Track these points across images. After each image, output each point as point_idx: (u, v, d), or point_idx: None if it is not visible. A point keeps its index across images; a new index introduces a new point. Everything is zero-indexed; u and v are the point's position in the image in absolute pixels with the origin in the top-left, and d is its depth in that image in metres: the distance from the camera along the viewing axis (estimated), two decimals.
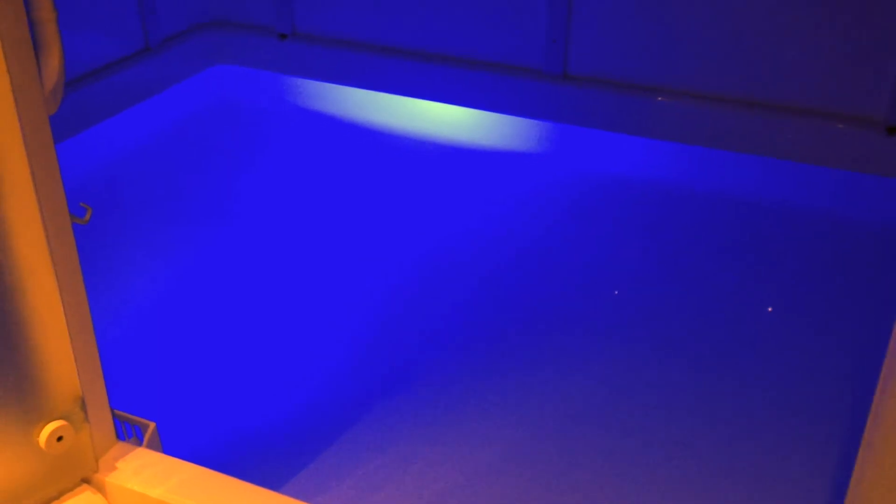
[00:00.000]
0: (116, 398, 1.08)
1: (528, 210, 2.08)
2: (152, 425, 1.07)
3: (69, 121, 1.92)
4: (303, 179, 2.18)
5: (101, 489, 1.02)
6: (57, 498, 1.01)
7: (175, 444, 1.26)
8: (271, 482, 1.33)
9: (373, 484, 1.39)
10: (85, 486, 1.02)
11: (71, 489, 1.02)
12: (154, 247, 1.90)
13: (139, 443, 1.07)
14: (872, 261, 1.90)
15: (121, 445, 1.05)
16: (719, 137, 2.03)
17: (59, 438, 0.98)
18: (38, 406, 0.96)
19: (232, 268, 1.90)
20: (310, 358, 1.65)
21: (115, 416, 1.05)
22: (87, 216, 0.99)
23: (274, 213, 2.06)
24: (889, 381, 0.77)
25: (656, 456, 1.45)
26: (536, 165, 2.19)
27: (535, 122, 2.20)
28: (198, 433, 1.46)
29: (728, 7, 1.94)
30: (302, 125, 2.34)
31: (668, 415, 1.54)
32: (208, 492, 1.00)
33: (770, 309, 1.79)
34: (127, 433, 1.09)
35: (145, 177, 2.10)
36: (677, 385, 1.61)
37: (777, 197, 2.04)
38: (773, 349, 1.69)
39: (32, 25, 0.93)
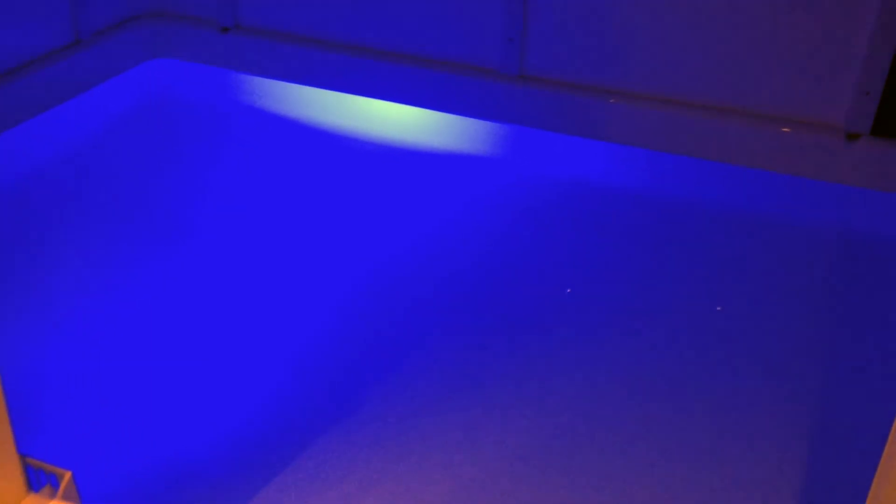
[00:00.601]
0: (31, 443, 0.99)
1: (484, 215, 2.02)
2: (68, 474, 0.97)
3: None
4: (247, 181, 2.07)
5: None
6: None
7: (122, 476, 1.17)
8: None
9: None
10: None
11: None
12: (85, 257, 1.78)
13: (53, 493, 0.97)
14: (830, 266, 1.88)
15: (32, 498, 0.95)
16: (677, 142, 1.99)
17: None
18: None
19: (171, 277, 1.79)
20: (249, 379, 1.55)
21: (26, 465, 0.95)
22: None
23: (215, 218, 1.96)
24: None
25: (631, 457, 1.43)
26: (492, 168, 2.13)
27: (491, 123, 2.13)
28: (134, 469, 1.37)
29: (687, 11, 1.89)
30: (246, 124, 2.24)
31: (635, 414, 1.51)
32: None
33: (719, 308, 1.76)
34: (40, 482, 0.99)
35: (75, 180, 1.99)
36: (641, 385, 1.57)
37: (735, 202, 2.00)
38: (730, 350, 1.67)
39: None
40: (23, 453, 0.96)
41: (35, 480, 0.99)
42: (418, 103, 2.15)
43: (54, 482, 0.99)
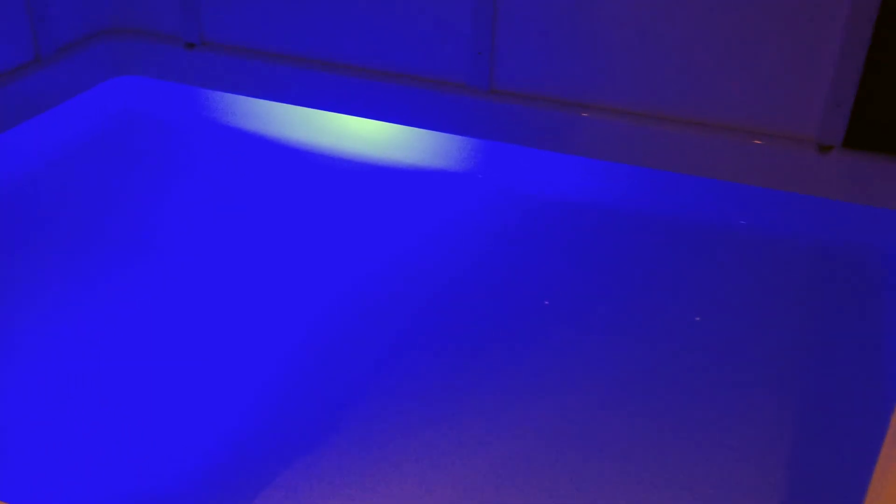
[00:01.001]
0: None
1: (456, 230, 1.99)
2: None
3: None
4: (214, 200, 2.03)
5: None
6: None
7: None
8: None
9: None
10: None
11: None
12: (47, 284, 1.73)
13: None
14: (804, 276, 1.87)
15: None
16: (650, 156, 1.98)
17: None
18: None
19: (139, 298, 1.74)
20: (213, 411, 1.51)
21: None
22: None
23: (184, 238, 1.92)
24: None
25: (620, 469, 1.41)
26: (462, 184, 2.10)
27: (461, 138, 2.11)
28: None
29: (657, 23, 1.88)
30: (212, 140, 2.20)
31: (621, 429, 1.49)
32: None
33: (698, 318, 1.76)
34: None
35: (38, 199, 1.94)
36: (622, 398, 1.56)
37: (708, 216, 1.99)
38: (709, 361, 1.67)
39: None
40: None
41: None
42: (388, 118, 2.12)
43: None
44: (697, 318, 1.76)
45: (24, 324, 1.63)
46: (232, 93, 2.18)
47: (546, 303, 1.80)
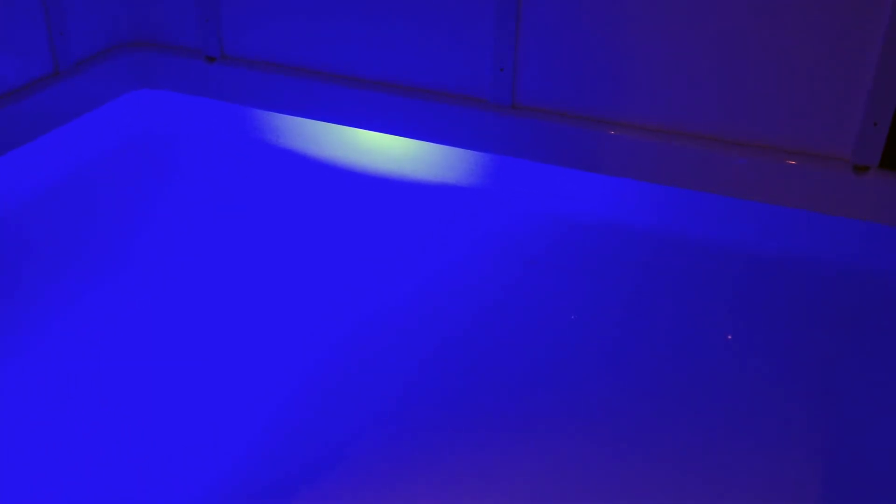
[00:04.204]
0: None
1: (478, 250, 1.95)
2: None
3: None
4: (232, 213, 2.02)
5: None
6: None
7: None
8: None
9: None
10: None
11: None
12: (64, 299, 1.72)
13: None
14: (839, 300, 1.80)
15: None
16: (678, 175, 1.92)
17: None
18: None
19: (151, 313, 1.73)
20: (212, 448, 1.47)
21: None
22: None
23: (199, 253, 1.90)
24: None
25: None
26: (484, 200, 2.06)
27: (482, 154, 2.06)
28: None
29: (687, 39, 1.82)
30: (231, 154, 2.18)
31: (652, 475, 1.43)
32: None
33: (729, 336, 1.69)
34: None
35: (56, 214, 1.93)
36: (657, 438, 1.50)
37: (739, 237, 1.93)
38: (738, 385, 1.65)
39: None
40: None
41: None
42: (409, 134, 2.08)
43: None
44: (729, 337, 1.71)
45: (38, 340, 1.62)
46: (252, 106, 2.16)
47: (573, 317, 1.74)
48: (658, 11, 1.82)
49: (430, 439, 1.48)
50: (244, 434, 1.49)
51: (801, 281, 1.83)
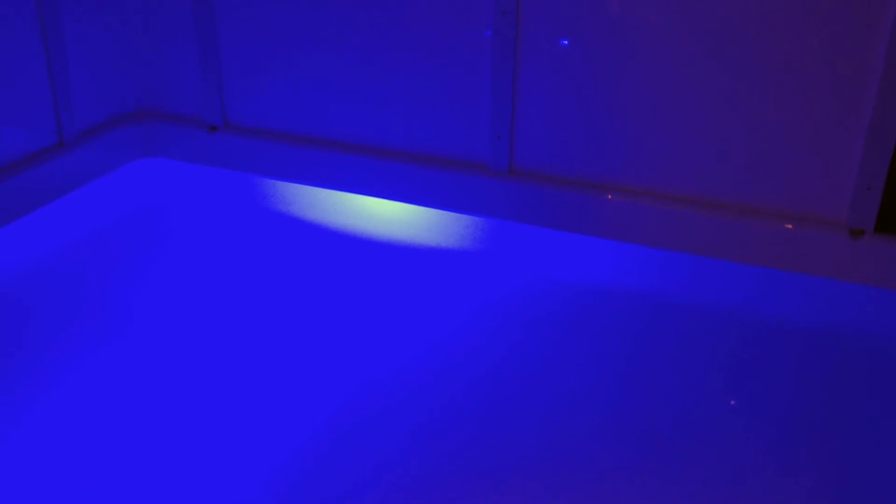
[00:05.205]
0: None
1: (477, 315, 1.95)
2: None
3: None
4: (236, 281, 2.03)
5: None
6: None
7: None
8: None
9: None
10: None
11: None
12: (68, 368, 1.72)
13: None
14: (835, 366, 1.79)
15: None
16: (675, 239, 1.93)
17: None
18: None
19: (150, 383, 1.73)
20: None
21: None
22: None
23: (201, 321, 1.91)
24: None
25: None
26: (484, 265, 2.07)
27: (482, 219, 2.08)
28: None
29: (681, 103, 1.85)
30: (234, 221, 2.20)
31: None
32: None
33: (733, 402, 1.68)
34: None
35: (59, 284, 1.94)
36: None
37: (737, 301, 1.93)
38: (737, 450, 1.63)
39: None
40: None
41: None
42: (409, 200, 2.11)
43: None
44: (732, 402, 1.70)
45: (38, 408, 1.62)
46: (254, 174, 2.19)
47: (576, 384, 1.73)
48: (654, 77, 1.85)
49: None
50: (243, 499, 1.48)
51: (798, 344, 1.83)
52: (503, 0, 1.88)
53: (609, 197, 1.93)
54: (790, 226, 1.83)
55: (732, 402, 1.70)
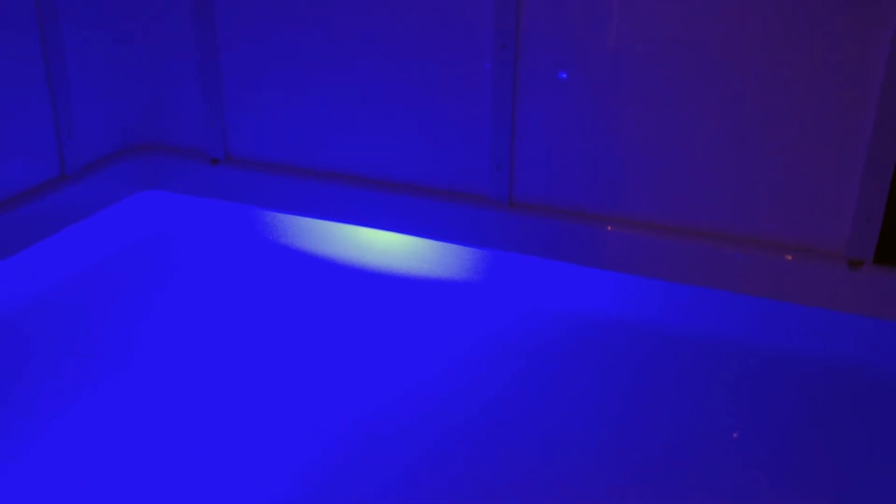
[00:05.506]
0: None
1: (479, 348, 1.95)
2: None
3: None
4: (237, 313, 2.04)
5: None
6: None
7: None
8: None
9: None
10: None
11: None
12: (67, 403, 1.72)
13: None
14: (835, 396, 1.79)
15: None
16: (675, 270, 1.93)
17: None
18: None
19: (153, 415, 1.73)
20: None
21: None
22: None
23: (201, 353, 1.91)
24: None
25: None
26: (484, 296, 2.07)
27: (482, 250, 2.08)
28: None
29: (681, 135, 1.86)
30: (235, 253, 2.21)
31: None
32: None
33: (735, 435, 1.68)
34: None
35: (59, 317, 1.95)
36: None
37: (736, 331, 1.93)
38: (738, 479, 1.63)
39: None
40: None
41: None
42: (409, 231, 2.11)
43: None
44: (735, 435, 1.69)
45: (39, 444, 1.62)
46: (255, 207, 2.20)
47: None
48: (653, 109, 1.86)
49: None
50: None
51: (797, 375, 1.82)
52: (502, 33, 1.90)
53: (609, 228, 1.94)
54: (790, 257, 1.84)
55: (735, 435, 1.70)
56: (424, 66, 1.99)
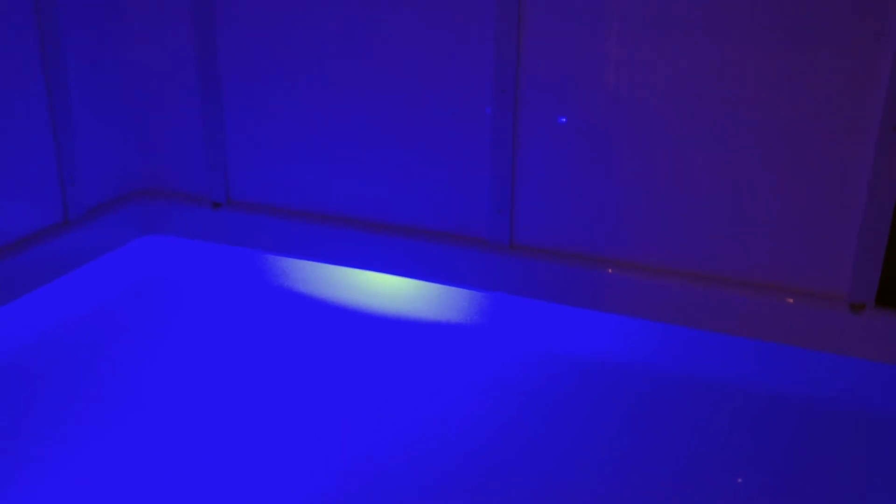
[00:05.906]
0: None
1: (479, 390, 1.95)
2: None
3: None
4: (238, 357, 2.03)
5: None
6: None
7: None
8: None
9: None
10: None
11: None
12: (72, 447, 1.72)
13: None
14: (836, 440, 1.78)
15: None
16: (675, 312, 1.92)
17: None
18: None
19: (159, 463, 1.72)
20: None
21: None
22: None
23: (203, 398, 1.90)
24: None
25: None
26: (484, 339, 2.07)
27: (482, 293, 2.09)
28: None
29: (680, 179, 1.86)
30: (237, 296, 2.22)
31: None
32: None
33: (739, 480, 1.66)
34: None
35: (63, 361, 1.95)
36: None
37: (737, 375, 1.92)
38: None
39: None
40: None
41: None
42: (410, 274, 2.12)
43: None
44: (739, 480, 1.68)
45: (42, 491, 1.61)
46: (257, 250, 2.21)
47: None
48: (653, 153, 1.86)
49: None
50: None
51: (797, 418, 1.81)
52: (502, 78, 1.91)
53: (609, 271, 1.94)
54: (791, 300, 1.83)
55: (739, 480, 1.69)
56: (425, 111, 2.00)
